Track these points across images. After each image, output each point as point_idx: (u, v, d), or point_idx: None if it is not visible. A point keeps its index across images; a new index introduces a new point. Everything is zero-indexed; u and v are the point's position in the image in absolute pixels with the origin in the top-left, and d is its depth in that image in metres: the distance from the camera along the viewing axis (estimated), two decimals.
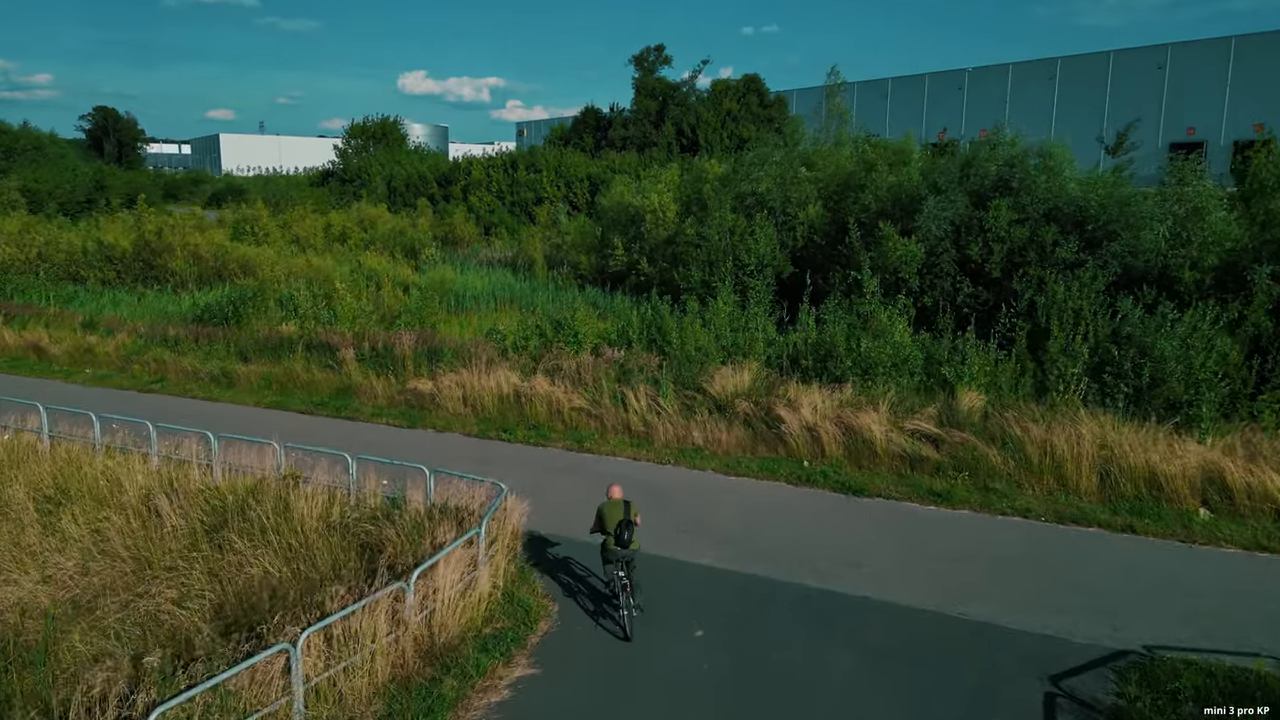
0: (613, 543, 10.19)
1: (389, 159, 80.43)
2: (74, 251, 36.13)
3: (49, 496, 14.54)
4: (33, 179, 73.40)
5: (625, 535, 10.10)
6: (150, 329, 24.53)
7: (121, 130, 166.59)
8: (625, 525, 10.13)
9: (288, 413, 19.72)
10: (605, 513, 10.35)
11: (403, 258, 47.71)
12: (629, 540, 10.13)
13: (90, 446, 16.03)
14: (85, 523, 13.68)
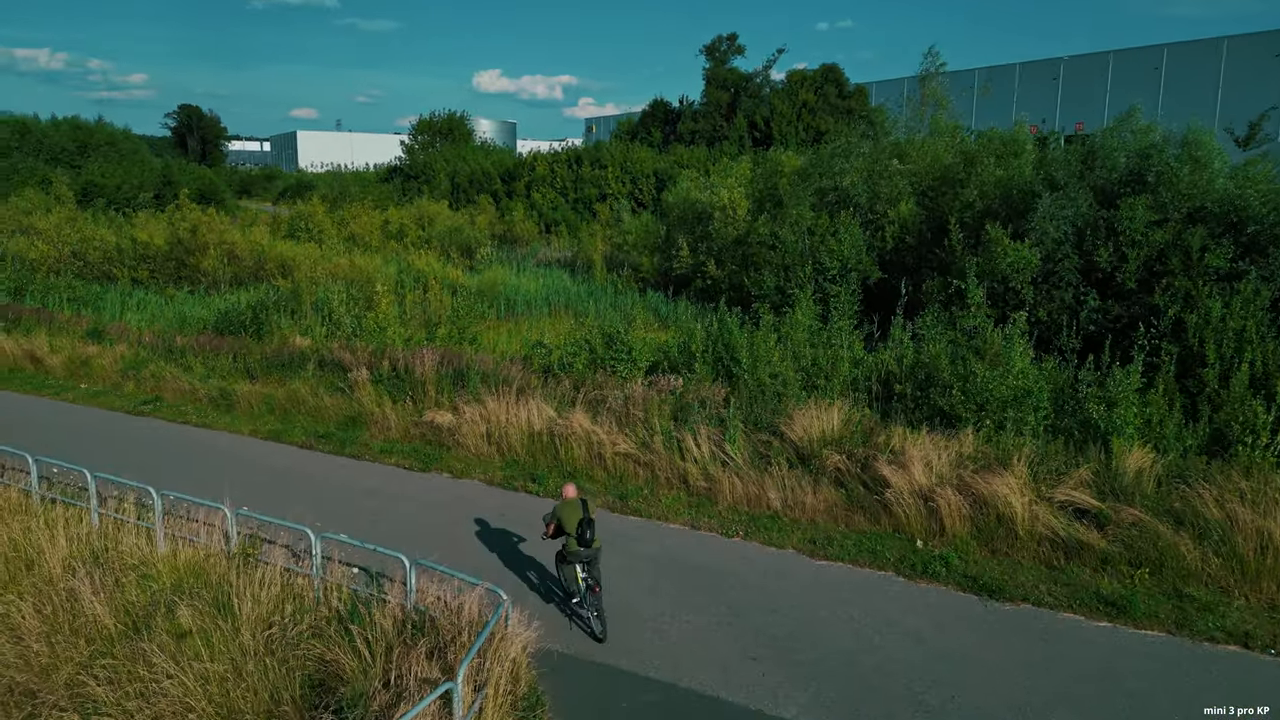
0: (575, 544, 10.00)
1: (454, 155, 78.31)
2: (108, 249, 34.18)
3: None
4: (99, 173, 73.32)
5: (588, 534, 10.00)
6: (156, 339, 21.96)
7: (205, 128, 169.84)
8: (587, 524, 10.03)
9: (284, 445, 16.72)
10: (562, 515, 10.12)
11: (458, 256, 45.04)
12: (591, 539, 10.04)
13: (32, 492, 13.22)
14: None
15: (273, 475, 15.22)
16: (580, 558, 10.04)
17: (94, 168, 76.29)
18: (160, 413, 18.81)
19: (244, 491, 14.28)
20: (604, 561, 10.51)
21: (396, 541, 12.16)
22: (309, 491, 14.33)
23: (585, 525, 9.94)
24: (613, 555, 11.86)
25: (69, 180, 58.16)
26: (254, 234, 36.09)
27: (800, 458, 13.97)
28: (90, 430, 17.84)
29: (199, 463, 15.83)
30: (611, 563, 11.66)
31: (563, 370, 21.58)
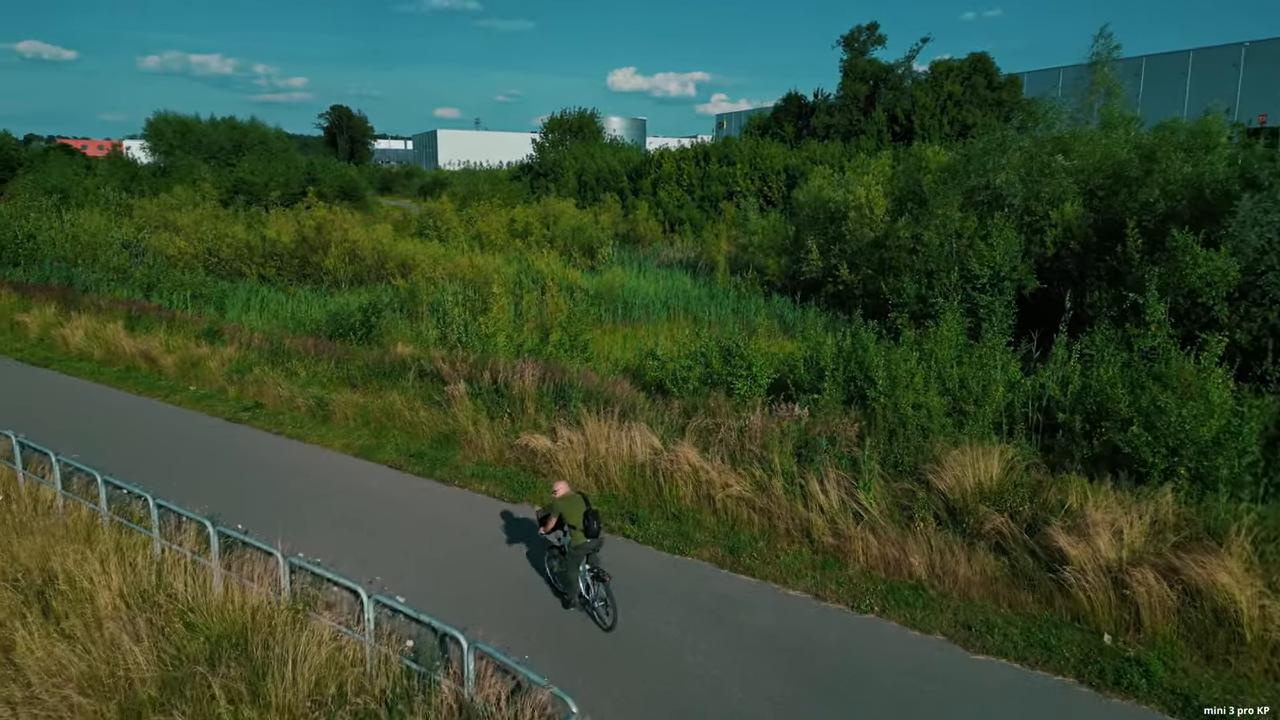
0: (582, 535, 10.06)
1: (582, 152, 77.87)
2: (240, 245, 34.75)
3: (26, 585, 11.06)
4: (249, 171, 76.76)
5: (595, 525, 10.10)
6: (266, 341, 21.52)
7: (353, 127, 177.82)
8: (593, 515, 10.16)
9: (374, 464, 15.62)
10: (564, 509, 10.19)
11: (580, 256, 44.00)
12: (599, 529, 10.13)
13: (100, 513, 12.50)
14: (40, 639, 9.93)
15: (356, 498, 14.10)
16: (587, 549, 10.16)
17: (245, 165, 80.00)
18: (258, 421, 18.16)
19: (320, 518, 13.22)
20: (707, 632, 8.66)
21: (469, 592, 10.78)
22: (387, 521, 13.08)
23: (592, 517, 10.11)
24: (717, 627, 9.95)
25: (214, 178, 60.65)
26: (377, 232, 35.98)
27: (950, 513, 11.65)
28: (187, 438, 17.33)
29: (283, 481, 14.92)
30: (715, 636, 9.77)
31: (675, 385, 19.81)
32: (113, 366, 22.59)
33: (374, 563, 11.75)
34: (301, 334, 23.26)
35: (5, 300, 28.72)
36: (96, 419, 18.55)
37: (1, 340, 25.86)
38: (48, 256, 34.23)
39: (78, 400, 20.09)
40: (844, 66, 69.19)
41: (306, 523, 13.20)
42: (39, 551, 11.54)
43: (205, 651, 9.00)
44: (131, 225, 37.48)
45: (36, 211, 37.85)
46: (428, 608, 10.38)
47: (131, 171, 70.70)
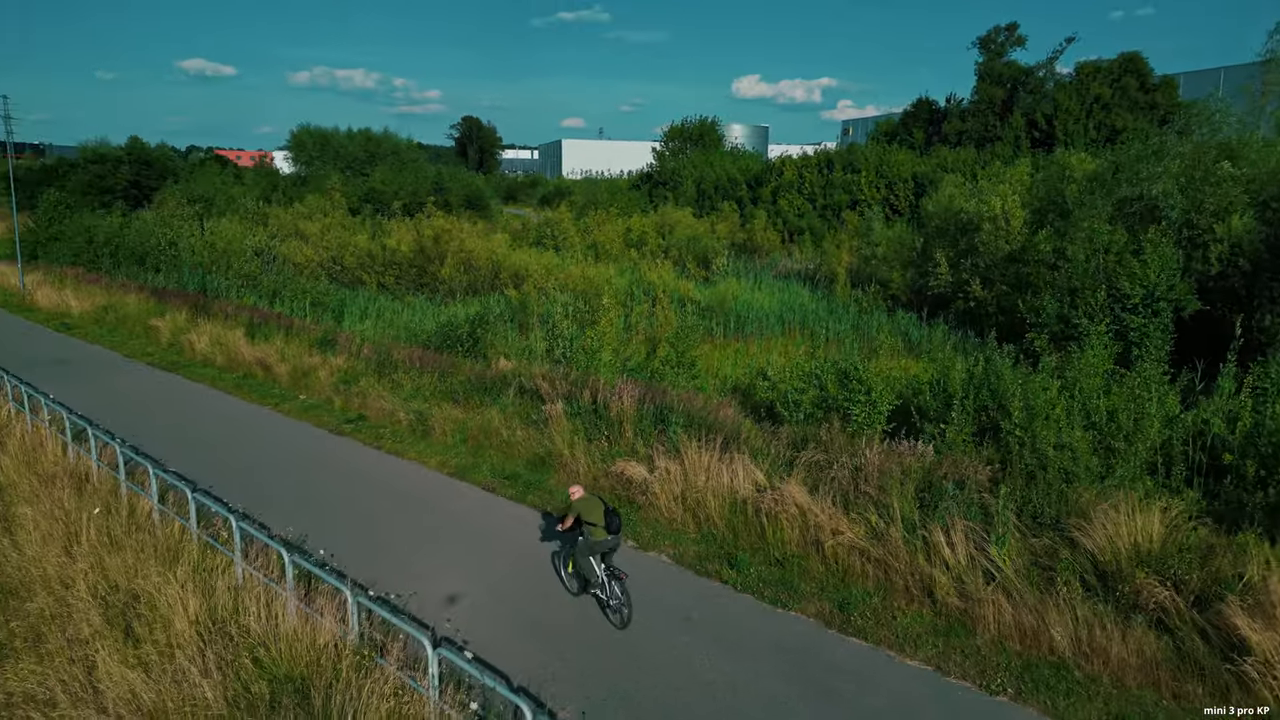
0: (603, 532, 10.35)
1: (701, 160, 77.04)
2: (362, 254, 35.53)
3: (113, 603, 10.97)
4: (381, 180, 79.50)
5: (616, 522, 10.41)
6: (374, 351, 21.54)
7: (483, 138, 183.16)
8: (613, 513, 10.49)
9: (467, 485, 15.10)
10: (583, 510, 10.55)
11: (694, 266, 43.11)
12: (619, 527, 10.44)
13: (204, 527, 12.40)
14: (117, 663, 9.74)
15: (444, 521, 13.59)
16: (606, 546, 10.47)
17: (377, 175, 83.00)
18: (360, 434, 18.04)
19: (405, 541, 12.74)
20: (810, 711, 7.51)
21: (547, 643, 9.97)
22: (472, 551, 12.46)
23: (612, 514, 10.50)
24: (821, 705, 8.76)
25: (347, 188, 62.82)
26: (493, 242, 36.10)
27: (1100, 578, 10.06)
28: (290, 449, 17.35)
29: (375, 498, 14.57)
30: (820, 714, 8.59)
31: (786, 409, 18.57)
32: (232, 373, 23.15)
33: (449, 594, 11.13)
34: (410, 345, 23.23)
35: (143, 305, 30.14)
36: (209, 426, 18.88)
37: (135, 344, 27.07)
38: (186, 263, 35.92)
39: (195, 406, 20.57)
40: (979, 69, 65.74)
41: (391, 545, 12.75)
42: (128, 569, 11.48)
43: (268, 694, 8.52)
44: (264, 233, 38.97)
45: (180, 219, 39.90)
46: (501, 652, 9.70)
47: (274, 181, 74.39)
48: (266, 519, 13.82)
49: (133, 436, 18.03)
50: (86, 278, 36.23)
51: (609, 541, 10.44)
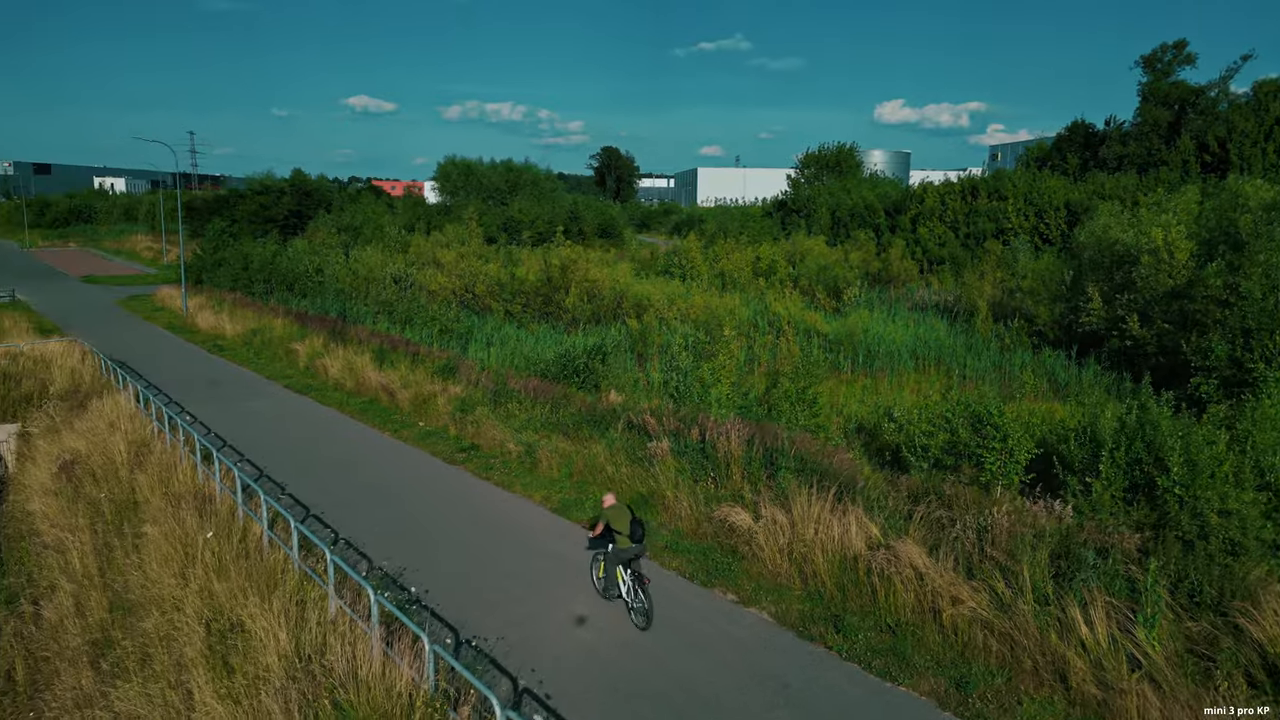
0: (628, 540, 11.05)
1: (837, 188, 75.44)
2: (492, 282, 36.31)
3: (217, 628, 11.16)
4: (519, 209, 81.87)
5: (639, 531, 11.07)
6: (492, 380, 21.68)
7: (620, 167, 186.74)
8: (638, 523, 11.14)
9: (568, 524, 14.73)
10: (611, 518, 11.28)
11: (824, 297, 41.82)
12: (643, 536, 11.12)
13: (306, 557, 12.54)
14: (214, 689, 9.83)
15: (541, 561, 13.24)
16: (631, 554, 11.13)
17: (516, 205, 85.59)
18: (471, 463, 18.05)
19: (499, 582, 12.45)
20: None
21: (628, 703, 9.34)
22: (564, 598, 12.01)
23: (637, 524, 11.14)
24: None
25: (486, 217, 64.82)
26: (617, 272, 36.14)
27: (1270, 674, 8.57)
28: (403, 476, 17.53)
29: (476, 533, 14.42)
30: None
31: (912, 454, 17.33)
32: (359, 398, 23.86)
33: (535, 644, 10.71)
34: (528, 374, 23.29)
35: (287, 329, 31.73)
36: (330, 450, 19.40)
37: (276, 367, 28.44)
38: (330, 289, 37.74)
39: (320, 429, 21.25)
40: (1143, 90, 61.43)
41: (486, 584, 12.49)
42: (232, 595, 11.70)
43: None
44: (403, 261, 40.52)
45: (327, 247, 42.09)
46: (582, 712, 9.17)
47: (421, 210, 77.85)
48: (370, 548, 13.92)
49: (260, 457, 18.76)
50: (242, 302, 38.64)
51: (633, 549, 11.12)
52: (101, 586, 14.16)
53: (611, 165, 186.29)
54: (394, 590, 12.20)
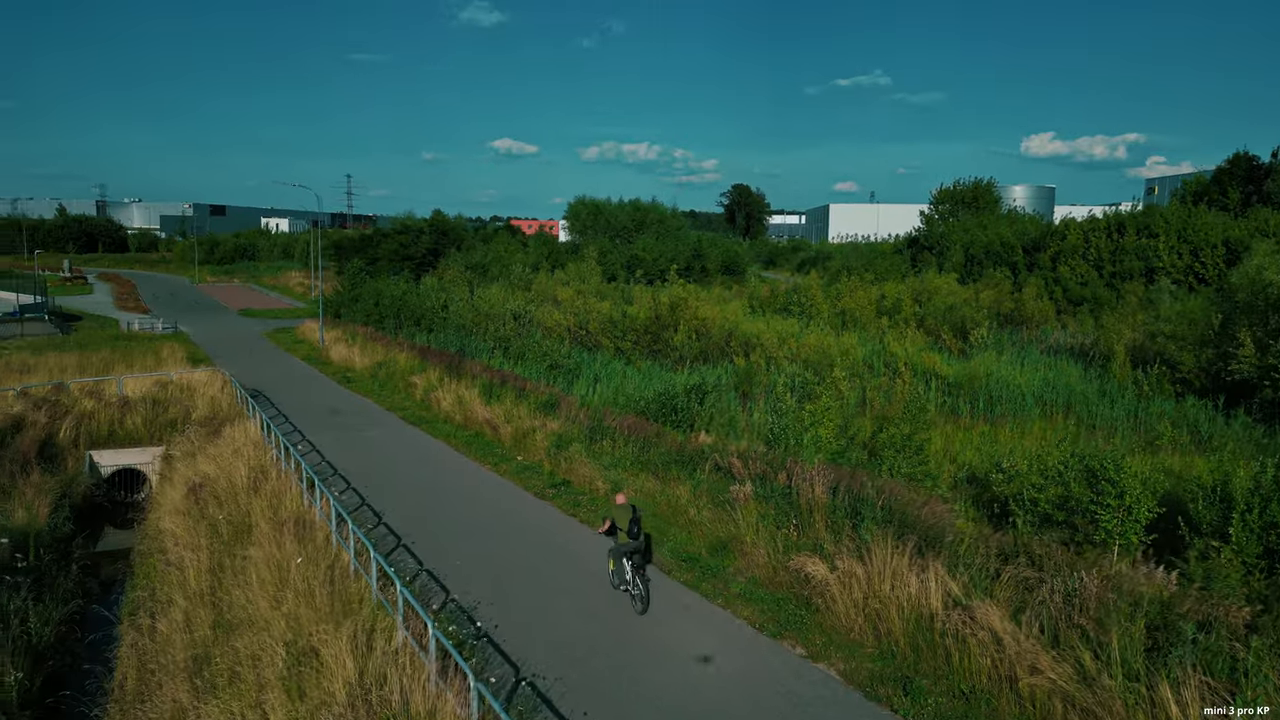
0: (626, 537, 12.67)
1: (972, 224, 72.89)
2: (604, 320, 36.89)
3: (294, 651, 11.63)
4: (642, 248, 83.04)
5: (636, 529, 12.69)
6: (589, 417, 21.93)
7: (750, 204, 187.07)
8: (636, 522, 12.76)
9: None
10: (616, 516, 13.01)
11: (950, 337, 40.24)
12: (639, 532, 12.72)
13: (375, 588, 12.95)
14: (285, 712, 10.25)
15: (613, 606, 13.15)
16: (630, 549, 12.55)
17: (640, 243, 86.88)
18: (560, 499, 18.26)
19: (569, 622, 12.44)
20: None
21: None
22: (631, 640, 11.87)
23: (635, 523, 12.62)
24: None
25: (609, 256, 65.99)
26: (728, 310, 35.98)
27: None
28: (494, 509, 17.90)
29: (555, 570, 14.51)
30: None
31: (1020, 508, 16.28)
32: (466, 430, 24.62)
33: (594, 685, 10.61)
34: (627, 411, 23.42)
35: (409, 362, 33.19)
36: (430, 479, 20.04)
37: (395, 398, 29.75)
38: (453, 325, 39.31)
39: (425, 460, 22.02)
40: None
41: (558, 621, 12.51)
42: (314, 620, 12.20)
43: None
44: (523, 298, 41.79)
45: (454, 285, 43.96)
46: None
47: (549, 249, 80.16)
48: (450, 579, 14.22)
49: (364, 486, 19.59)
50: (373, 336, 40.78)
51: (630, 545, 12.62)
52: (209, 604, 15.06)
53: (741, 202, 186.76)
54: (463, 624, 12.40)
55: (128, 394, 28.58)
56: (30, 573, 16.93)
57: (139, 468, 26.80)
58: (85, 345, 41.58)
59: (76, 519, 23.52)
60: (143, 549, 20.36)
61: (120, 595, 19.22)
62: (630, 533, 12.60)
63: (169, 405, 28.27)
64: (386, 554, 15.08)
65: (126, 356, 37.32)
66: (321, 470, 20.88)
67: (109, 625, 17.17)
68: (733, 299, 52.67)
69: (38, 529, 20.96)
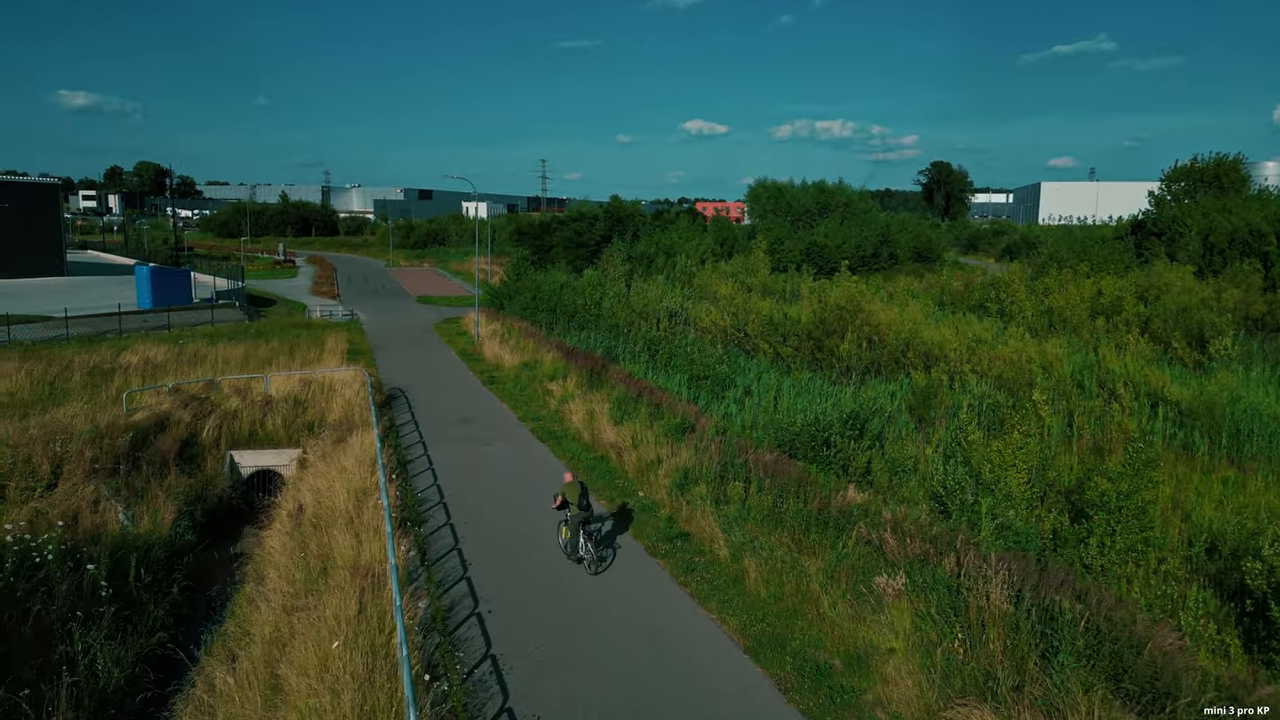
0: (577, 509, 14.78)
1: (1213, 206, 62.83)
2: (763, 321, 33.45)
3: None
4: (823, 234, 77.92)
5: (585, 501, 14.91)
6: (721, 450, 18.79)
7: (950, 183, 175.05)
8: (584, 495, 14.95)
9: (757, 671, 11.36)
10: (566, 492, 15.02)
11: (1183, 347, 33.66)
12: (589, 505, 15.02)
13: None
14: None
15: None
16: (580, 519, 14.79)
17: (821, 229, 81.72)
18: (673, 558, 15.37)
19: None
20: None
21: None
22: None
23: (584, 496, 14.92)
24: None
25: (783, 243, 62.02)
26: (907, 312, 31.54)
27: None
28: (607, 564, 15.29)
29: (645, 668, 11.65)
30: None
31: None
32: (592, 453, 22.20)
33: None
34: (769, 441, 20.11)
35: (554, 365, 31.27)
36: (539, 517, 17.67)
37: (531, 405, 27.81)
38: (605, 323, 37.15)
39: (540, 489, 19.72)
40: None
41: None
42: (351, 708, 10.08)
43: None
44: (681, 295, 39.04)
45: (611, 279, 41.82)
46: None
47: (726, 234, 76.61)
48: (517, 672, 11.66)
49: (464, 520, 17.52)
50: (527, 332, 39.38)
51: (580, 516, 14.62)
52: (266, 661, 13.45)
53: (940, 180, 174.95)
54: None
55: (272, 393, 28.39)
56: (115, 601, 16.07)
57: (277, 469, 26.44)
58: (261, 334, 42.95)
59: (213, 520, 23.23)
60: (247, 570, 19.41)
61: (215, 622, 18.29)
62: (580, 505, 14.77)
63: (309, 405, 27.80)
64: (455, 627, 12.81)
65: (293, 347, 37.90)
66: (426, 497, 19.11)
67: (193, 661, 16.11)
68: (920, 292, 47.40)
69: (160, 537, 20.60)
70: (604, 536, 16.38)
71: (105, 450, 22.95)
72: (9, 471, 21.29)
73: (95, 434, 23.34)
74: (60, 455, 22.14)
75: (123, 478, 22.47)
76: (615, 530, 16.90)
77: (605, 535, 16.52)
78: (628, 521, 17.37)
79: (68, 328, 40.04)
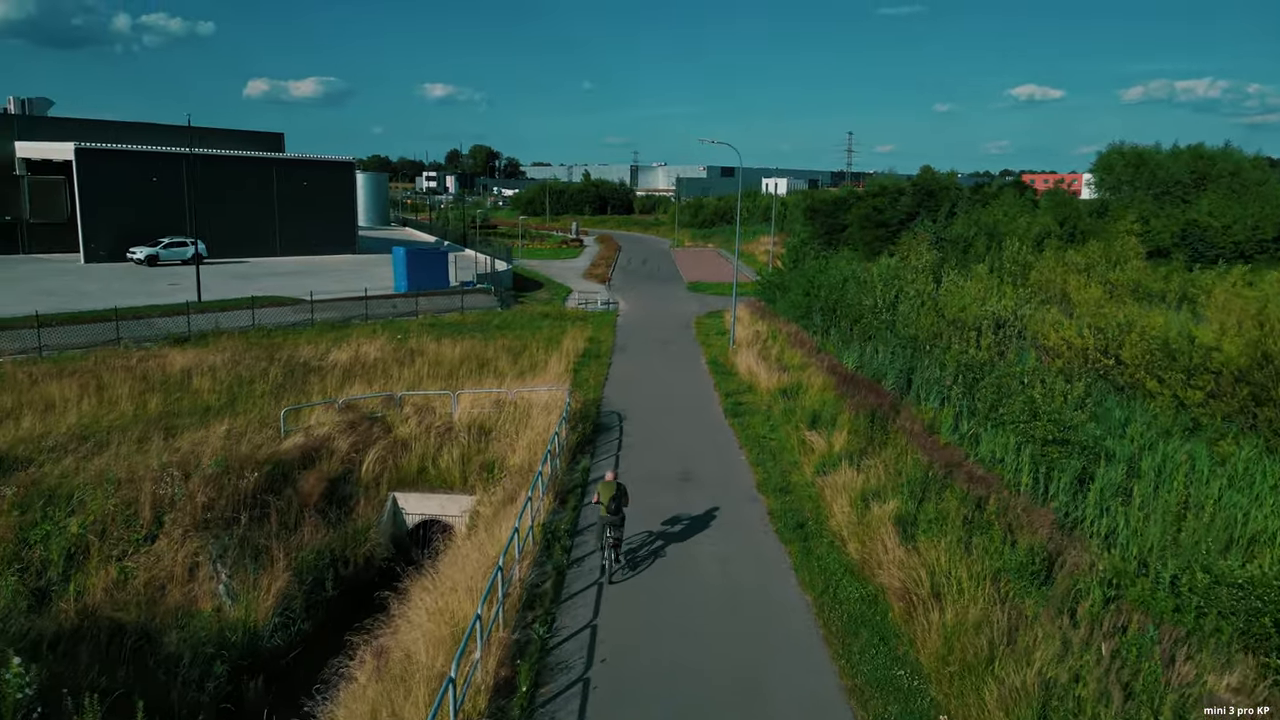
0: (606, 511, 13.77)
1: None
2: (1149, 346, 21.99)
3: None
4: (1206, 211, 60.24)
5: (615, 504, 13.79)
6: (1113, 625, 9.22)
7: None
8: (616, 499, 13.83)
9: None
10: (600, 491, 13.96)
11: None
12: (618, 509, 13.84)
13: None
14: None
15: None
16: (606, 522, 13.88)
17: (1202, 204, 63.65)
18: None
19: None
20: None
21: None
22: None
23: (615, 499, 13.86)
24: None
25: (1137, 226, 47.21)
26: None
27: None
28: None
29: None
30: None
31: None
32: (864, 583, 13.26)
33: None
34: (1215, 618, 10.06)
35: (819, 395, 22.46)
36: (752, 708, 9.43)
37: (779, 463, 19.21)
38: (902, 334, 27.41)
39: (760, 659, 11.40)
40: None
41: None
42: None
43: None
44: (1013, 295, 28.15)
45: (912, 271, 31.67)
46: None
47: (1066, 211, 61.40)
48: None
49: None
50: (796, 338, 30.67)
51: (607, 519, 13.91)
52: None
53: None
54: None
55: (457, 417, 22.50)
56: None
57: (446, 519, 20.47)
58: (503, 326, 38.32)
59: (350, 591, 17.71)
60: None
61: None
62: (610, 508, 13.70)
63: (496, 436, 21.56)
64: None
65: (525, 345, 32.42)
66: (566, 655, 11.54)
67: None
68: None
69: (250, 633, 15.09)
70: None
71: (227, 492, 18.14)
72: (110, 518, 17.10)
73: (221, 468, 18.63)
74: (167, 498, 17.60)
75: (241, 531, 17.53)
76: None
77: None
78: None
79: (313, 312, 37.81)
